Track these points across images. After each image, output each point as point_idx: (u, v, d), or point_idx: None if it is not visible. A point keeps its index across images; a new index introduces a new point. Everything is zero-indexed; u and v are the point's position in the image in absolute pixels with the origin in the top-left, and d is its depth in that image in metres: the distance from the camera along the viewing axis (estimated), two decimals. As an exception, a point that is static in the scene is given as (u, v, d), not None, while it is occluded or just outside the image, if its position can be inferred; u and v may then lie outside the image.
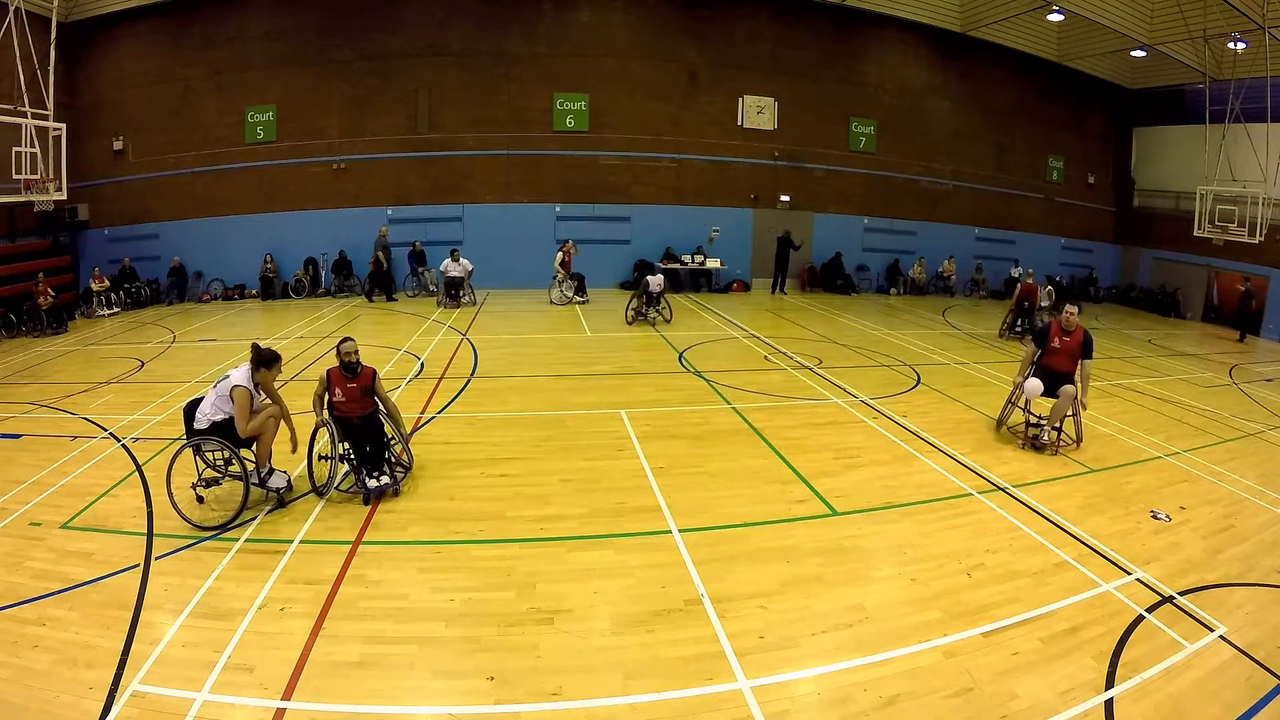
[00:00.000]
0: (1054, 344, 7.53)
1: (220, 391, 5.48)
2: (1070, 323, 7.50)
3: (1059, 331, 7.52)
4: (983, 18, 18.71)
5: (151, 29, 16.65)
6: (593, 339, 12.67)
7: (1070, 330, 7.48)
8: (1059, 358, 7.50)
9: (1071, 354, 7.44)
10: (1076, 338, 7.44)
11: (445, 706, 3.55)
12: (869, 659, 3.95)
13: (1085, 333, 7.44)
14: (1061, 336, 7.53)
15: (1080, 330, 7.45)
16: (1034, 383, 7.44)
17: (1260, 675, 3.97)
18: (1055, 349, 7.51)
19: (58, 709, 3.42)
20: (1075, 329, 7.48)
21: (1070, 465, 7.17)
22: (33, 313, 13.21)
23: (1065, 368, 7.47)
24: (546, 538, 5.26)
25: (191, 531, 5.20)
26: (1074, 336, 7.46)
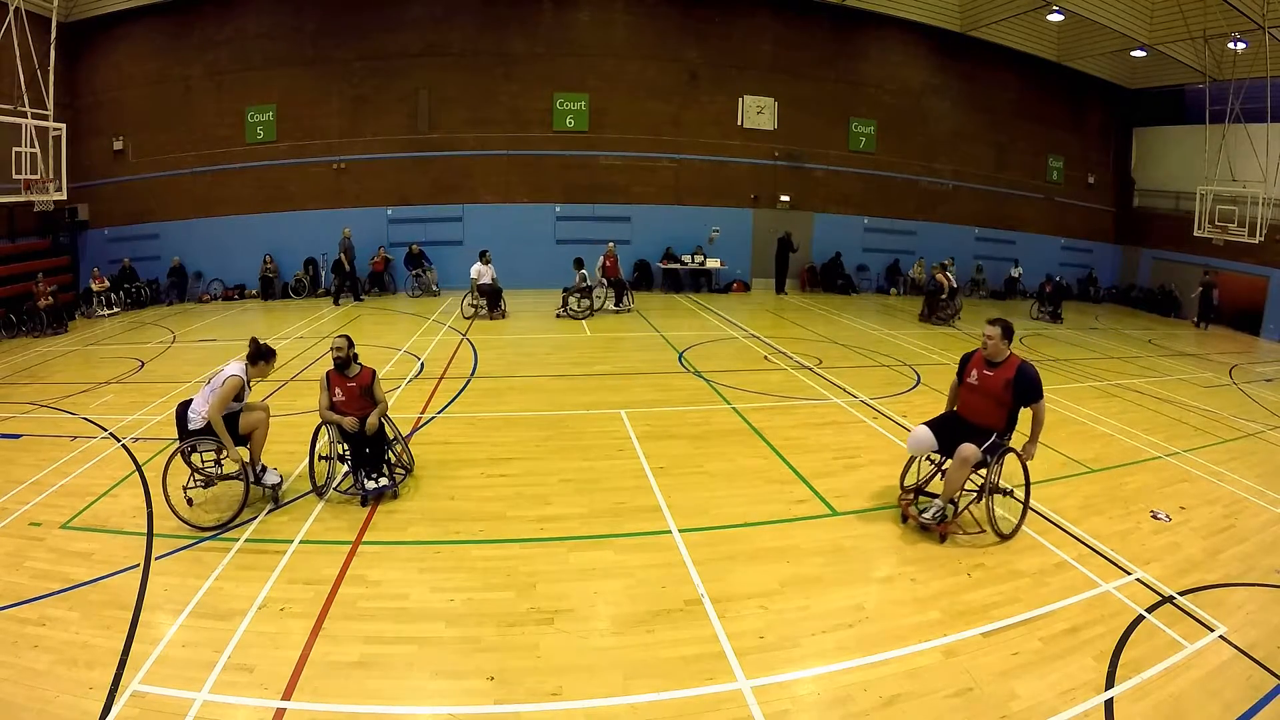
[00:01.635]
0: (969, 378, 5.41)
1: (214, 386, 5.37)
2: (993, 349, 5.24)
3: (980, 362, 5.34)
4: (983, 18, 18.71)
5: (151, 29, 16.66)
6: (593, 339, 12.68)
7: (996, 361, 5.25)
8: (974, 399, 5.37)
9: (994, 396, 5.20)
10: (1004, 373, 5.18)
11: (445, 706, 3.55)
12: (869, 659, 3.95)
13: (1022, 368, 5.14)
14: (982, 369, 5.31)
15: (1014, 363, 5.19)
16: (918, 433, 5.43)
17: (1260, 675, 3.97)
18: (971, 385, 5.38)
19: (58, 709, 3.42)
20: (1005, 360, 5.23)
21: (1070, 465, 7.17)
22: (33, 313, 13.22)
23: (980, 416, 5.30)
24: (546, 538, 5.26)
25: (191, 532, 5.20)
26: (1000, 371, 5.21)
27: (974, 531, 5.41)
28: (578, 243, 17.86)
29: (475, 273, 14.03)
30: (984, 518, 5.43)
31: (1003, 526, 5.43)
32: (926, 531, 5.34)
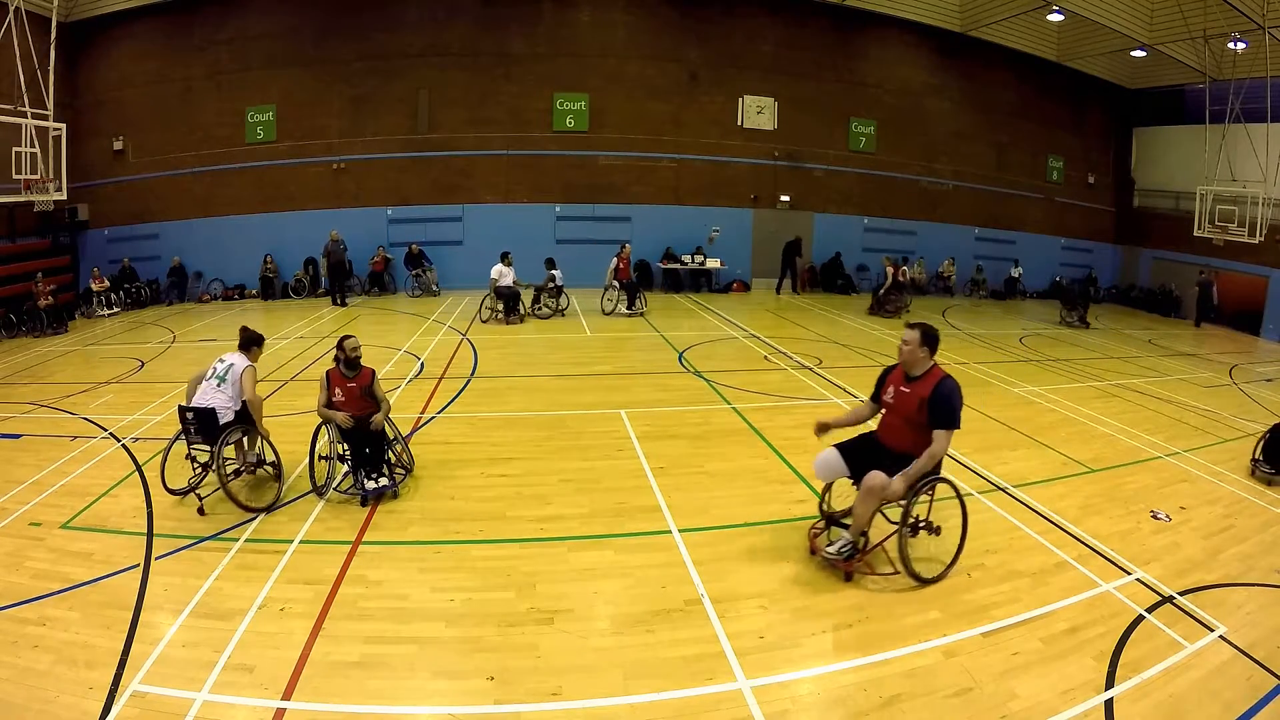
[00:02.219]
0: (886, 395, 4.69)
1: (232, 380, 5.61)
2: (909, 358, 4.50)
3: (899, 376, 4.63)
4: (983, 18, 18.71)
5: (151, 29, 16.65)
6: (593, 339, 12.68)
7: (914, 375, 4.52)
8: (890, 419, 4.68)
9: (908, 417, 4.48)
10: (921, 390, 4.43)
11: (445, 706, 3.55)
12: (869, 659, 3.95)
13: (940, 386, 4.38)
14: (900, 384, 4.59)
15: (935, 378, 4.43)
16: (824, 457, 4.78)
17: (1260, 675, 3.97)
18: (888, 403, 4.68)
19: (58, 709, 3.42)
20: (925, 374, 4.48)
21: (1070, 465, 7.16)
22: (33, 313, 13.21)
23: (895, 439, 4.59)
24: (546, 538, 5.26)
25: (192, 531, 5.20)
26: (917, 387, 4.47)
27: (888, 572, 4.77)
28: (578, 243, 17.94)
29: (495, 274, 13.44)
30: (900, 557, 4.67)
31: (924, 570, 4.71)
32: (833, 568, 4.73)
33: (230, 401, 5.58)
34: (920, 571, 4.70)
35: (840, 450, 4.78)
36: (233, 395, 5.61)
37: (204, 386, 5.64)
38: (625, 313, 14.72)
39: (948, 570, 4.80)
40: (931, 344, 4.53)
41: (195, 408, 5.49)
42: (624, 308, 14.79)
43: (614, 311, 14.69)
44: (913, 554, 4.71)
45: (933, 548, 4.89)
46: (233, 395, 5.61)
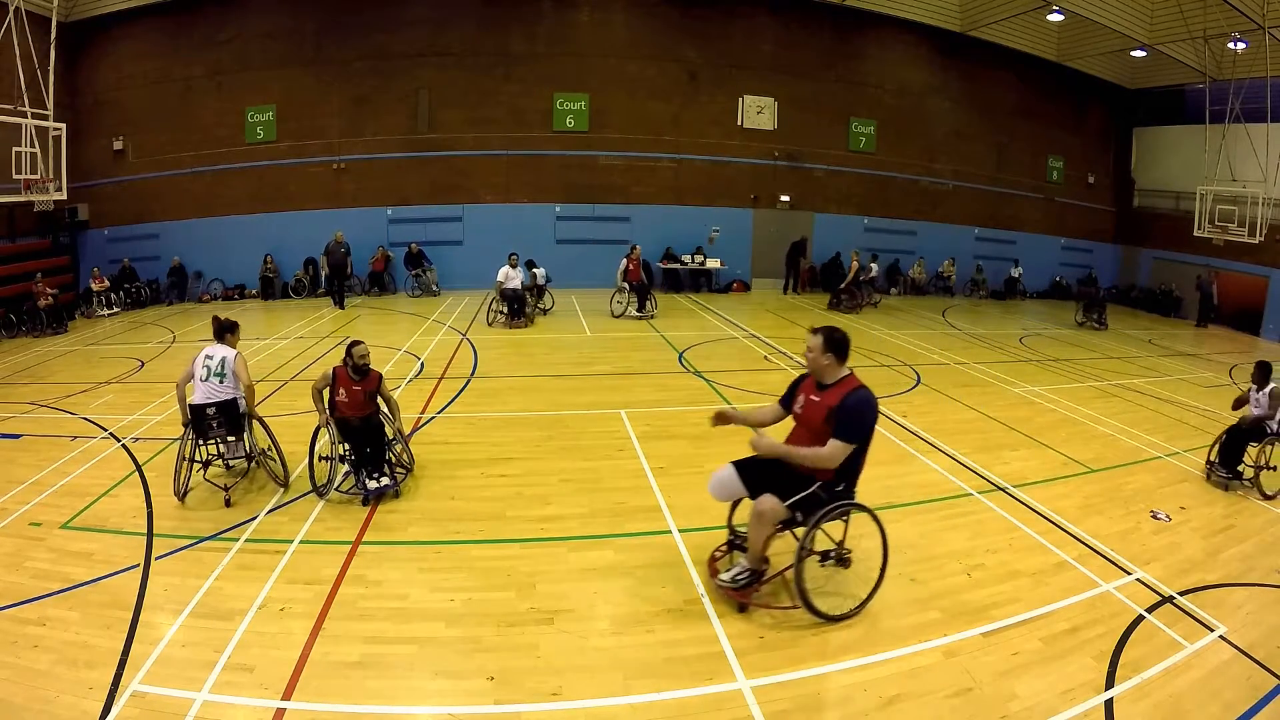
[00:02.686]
0: (796, 405, 4.24)
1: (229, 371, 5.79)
2: (814, 365, 4.10)
3: (811, 386, 4.18)
4: (983, 18, 18.71)
5: (151, 29, 16.65)
6: (592, 339, 12.68)
7: (825, 383, 4.09)
8: (797, 432, 4.24)
9: (815, 432, 4.05)
10: (829, 400, 4.01)
11: (445, 706, 3.55)
12: (869, 659, 3.95)
13: (848, 397, 3.95)
14: (810, 393, 4.16)
15: (846, 388, 4.00)
16: (720, 474, 4.37)
17: (1260, 675, 3.97)
18: (797, 414, 4.25)
19: (58, 709, 3.42)
20: (837, 383, 4.05)
21: (1070, 465, 7.17)
22: (33, 313, 13.21)
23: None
24: (546, 538, 5.26)
25: (192, 531, 5.20)
26: (826, 397, 4.04)
27: (787, 606, 4.32)
28: (578, 243, 17.94)
29: (502, 275, 13.01)
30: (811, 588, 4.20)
31: (828, 606, 4.20)
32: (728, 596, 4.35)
33: (236, 391, 5.82)
34: (825, 608, 4.19)
35: (738, 468, 4.32)
36: (234, 386, 5.82)
37: (207, 385, 5.72)
38: (635, 315, 14.34)
39: (860, 607, 4.33)
40: (838, 350, 4.03)
41: (217, 402, 5.68)
42: (634, 310, 14.41)
43: (624, 314, 14.36)
44: (827, 587, 4.37)
45: (852, 580, 4.52)
46: (234, 386, 5.82)
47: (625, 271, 14.45)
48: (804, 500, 4.06)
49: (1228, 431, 7.06)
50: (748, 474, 4.30)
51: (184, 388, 5.81)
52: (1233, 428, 7.10)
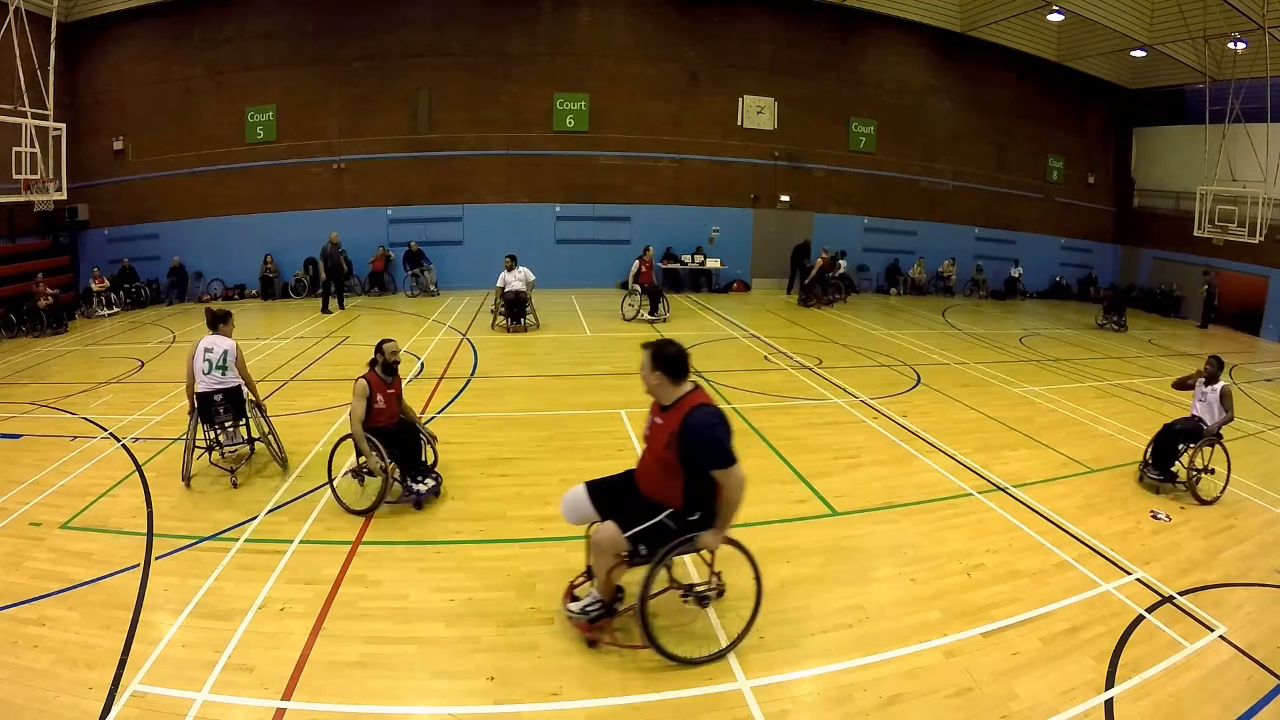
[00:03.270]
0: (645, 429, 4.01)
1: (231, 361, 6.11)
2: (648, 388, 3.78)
3: (656, 407, 3.88)
4: (983, 18, 18.71)
5: (151, 29, 16.65)
6: (593, 339, 12.67)
7: (666, 405, 3.74)
8: (644, 458, 3.97)
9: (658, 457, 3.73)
10: (671, 423, 3.64)
11: (445, 706, 3.55)
12: (869, 659, 3.95)
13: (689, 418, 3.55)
14: (655, 416, 3.87)
15: (685, 407, 3.61)
16: (570, 494, 4.06)
17: (1260, 675, 3.97)
18: (645, 438, 4.01)
19: (58, 709, 3.42)
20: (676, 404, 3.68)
21: (1070, 465, 7.17)
22: (33, 313, 13.21)
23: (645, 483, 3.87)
24: (546, 538, 5.25)
25: (192, 531, 5.20)
26: (669, 419, 3.67)
27: (639, 645, 3.85)
28: (578, 243, 17.94)
29: (500, 280, 12.76)
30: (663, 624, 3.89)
31: (686, 648, 3.80)
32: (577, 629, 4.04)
33: (238, 380, 6.17)
34: (681, 650, 3.78)
35: (590, 489, 3.96)
36: (235, 376, 6.16)
37: (210, 376, 6.04)
38: (648, 319, 13.90)
39: (724, 652, 3.89)
40: (667, 366, 3.62)
41: (223, 389, 6.07)
42: (646, 313, 13.98)
43: (636, 317, 13.90)
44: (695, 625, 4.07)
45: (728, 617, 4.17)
46: (235, 376, 6.16)
47: (637, 273, 14.06)
48: (647, 532, 3.67)
49: (1160, 432, 6.81)
50: (599, 496, 3.93)
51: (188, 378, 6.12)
52: (1166, 426, 6.84)
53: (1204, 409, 6.74)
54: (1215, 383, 6.71)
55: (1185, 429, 6.69)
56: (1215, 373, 6.77)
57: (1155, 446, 6.78)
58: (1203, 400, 6.78)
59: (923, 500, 6.11)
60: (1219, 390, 6.67)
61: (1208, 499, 6.39)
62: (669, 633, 3.93)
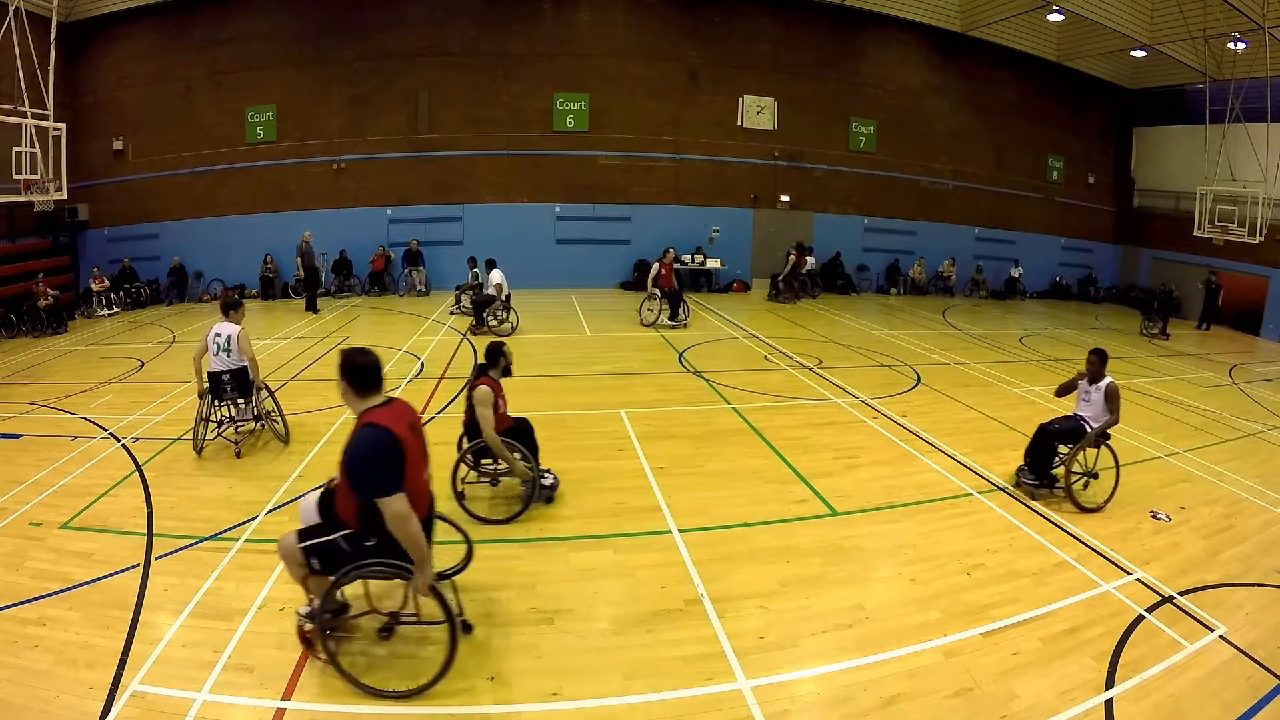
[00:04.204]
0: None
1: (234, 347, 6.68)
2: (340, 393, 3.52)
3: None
4: (983, 18, 18.70)
5: (151, 29, 16.65)
6: (593, 339, 12.67)
7: (354, 414, 3.51)
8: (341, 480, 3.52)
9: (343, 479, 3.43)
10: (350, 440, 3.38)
11: (445, 706, 3.55)
12: (869, 659, 3.95)
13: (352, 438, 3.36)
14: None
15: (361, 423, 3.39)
16: (304, 501, 3.86)
17: (1260, 675, 3.97)
18: None
19: (58, 709, 3.42)
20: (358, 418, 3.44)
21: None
22: (33, 313, 13.21)
23: (338, 500, 3.57)
24: (546, 538, 5.26)
25: (192, 531, 5.20)
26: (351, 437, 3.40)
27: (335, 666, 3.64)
28: (578, 243, 17.94)
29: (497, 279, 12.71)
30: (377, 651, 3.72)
31: (378, 679, 3.58)
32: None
33: (242, 362, 6.75)
34: (372, 680, 3.56)
35: (321, 495, 3.77)
36: (239, 358, 6.73)
37: (218, 358, 6.69)
38: (668, 324, 13.36)
39: (420, 690, 3.53)
40: (352, 377, 3.43)
41: (231, 369, 6.70)
42: (666, 318, 13.44)
43: (655, 323, 13.40)
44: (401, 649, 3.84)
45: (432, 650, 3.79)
46: (239, 358, 6.73)
47: (656, 276, 13.57)
48: (322, 548, 3.45)
49: (1036, 433, 6.33)
50: (324, 502, 3.72)
51: (200, 360, 6.80)
52: (1042, 427, 6.32)
53: (1088, 409, 6.26)
54: (1099, 380, 6.21)
55: (1064, 429, 6.23)
56: (1098, 369, 6.25)
57: (1031, 449, 6.33)
58: (1086, 400, 6.29)
59: (923, 500, 6.11)
60: (1104, 388, 6.15)
61: (1090, 506, 6.00)
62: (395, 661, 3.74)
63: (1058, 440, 6.23)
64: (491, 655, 3.91)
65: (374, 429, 3.29)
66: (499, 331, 12.47)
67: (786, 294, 17.41)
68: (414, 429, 3.51)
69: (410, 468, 3.33)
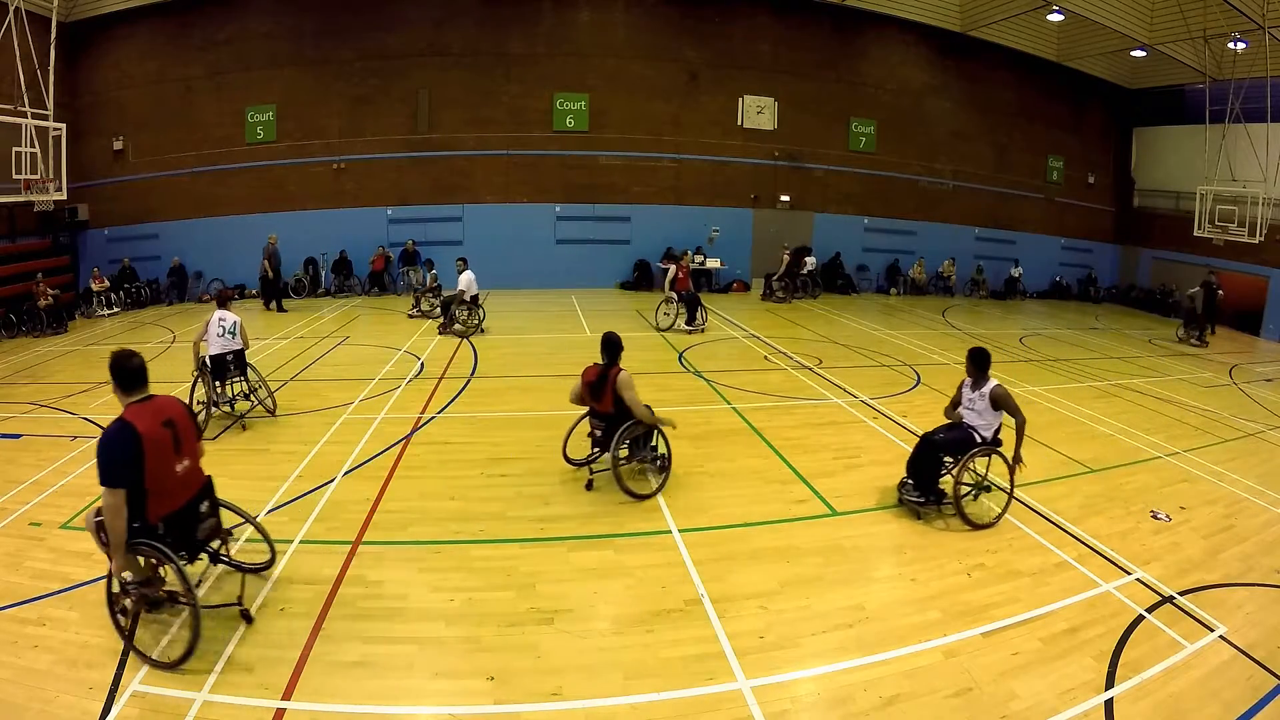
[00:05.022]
0: None
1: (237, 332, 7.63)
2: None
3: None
4: (983, 18, 18.71)
5: (151, 29, 16.65)
6: (593, 339, 12.61)
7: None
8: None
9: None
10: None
11: (445, 706, 3.55)
12: (869, 659, 3.95)
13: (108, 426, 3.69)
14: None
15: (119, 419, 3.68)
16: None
17: (1260, 675, 3.97)
18: None
19: (58, 709, 3.42)
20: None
21: (1070, 465, 7.16)
22: (33, 313, 13.21)
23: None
24: (546, 538, 5.26)
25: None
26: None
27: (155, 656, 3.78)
28: (578, 243, 17.94)
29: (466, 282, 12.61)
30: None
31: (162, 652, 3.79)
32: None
33: (242, 344, 7.70)
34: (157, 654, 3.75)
35: None
36: (240, 340, 7.67)
37: (223, 340, 7.49)
38: (685, 329, 13.05)
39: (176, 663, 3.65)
40: (116, 376, 3.83)
41: (234, 350, 7.62)
42: (683, 323, 13.12)
43: (672, 327, 13.12)
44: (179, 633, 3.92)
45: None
46: (240, 340, 7.67)
47: (674, 279, 13.35)
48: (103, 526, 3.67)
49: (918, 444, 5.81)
50: None
51: (198, 345, 7.58)
52: (924, 438, 5.78)
53: (975, 417, 5.65)
54: (982, 385, 5.63)
55: (951, 440, 5.65)
56: (977, 373, 5.66)
57: (913, 461, 5.77)
58: (971, 409, 5.69)
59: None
60: (988, 394, 5.56)
61: (980, 523, 5.54)
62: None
63: (943, 452, 5.64)
64: (491, 655, 3.91)
65: (120, 424, 3.65)
66: (467, 330, 12.45)
67: (781, 294, 17.45)
68: (172, 424, 3.82)
69: (155, 460, 3.64)
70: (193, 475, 3.98)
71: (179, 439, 3.85)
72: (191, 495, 3.94)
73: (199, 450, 4.07)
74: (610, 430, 5.98)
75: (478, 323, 12.72)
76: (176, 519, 3.82)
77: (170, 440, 3.78)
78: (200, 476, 4.05)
